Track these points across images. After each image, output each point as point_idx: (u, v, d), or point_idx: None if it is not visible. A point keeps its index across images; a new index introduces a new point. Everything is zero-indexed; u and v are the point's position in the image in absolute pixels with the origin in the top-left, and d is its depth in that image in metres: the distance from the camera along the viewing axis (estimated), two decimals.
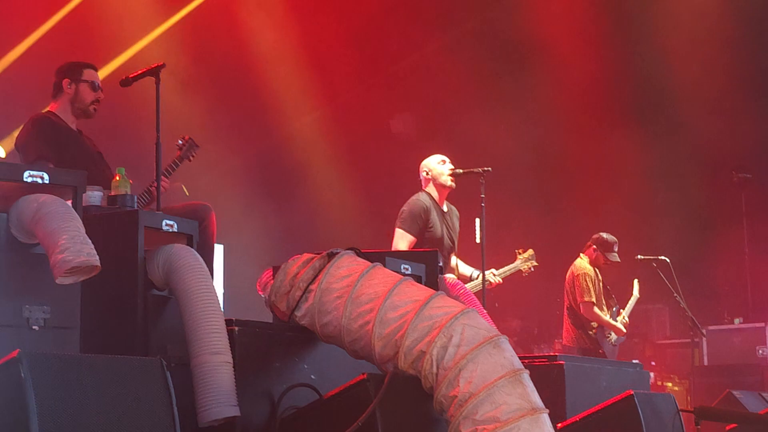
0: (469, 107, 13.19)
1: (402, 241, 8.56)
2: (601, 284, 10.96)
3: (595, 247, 10.94)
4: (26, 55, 10.94)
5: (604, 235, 10.94)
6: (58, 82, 6.95)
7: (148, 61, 6.84)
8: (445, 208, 8.90)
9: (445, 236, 8.76)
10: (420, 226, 8.63)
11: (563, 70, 13.23)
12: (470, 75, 13.14)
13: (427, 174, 8.88)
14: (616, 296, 11.16)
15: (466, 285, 8.55)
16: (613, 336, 10.87)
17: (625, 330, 10.93)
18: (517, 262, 9.55)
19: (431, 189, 8.86)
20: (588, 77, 13.32)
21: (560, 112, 13.36)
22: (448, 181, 8.81)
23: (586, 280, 10.79)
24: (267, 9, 12.54)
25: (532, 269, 9.69)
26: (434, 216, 8.72)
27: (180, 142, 7.34)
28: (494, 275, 9.08)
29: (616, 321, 10.93)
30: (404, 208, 8.74)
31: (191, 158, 7.33)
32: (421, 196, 8.80)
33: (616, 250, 10.89)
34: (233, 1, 12.36)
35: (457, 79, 13.22)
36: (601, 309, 10.85)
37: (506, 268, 9.47)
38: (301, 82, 13.08)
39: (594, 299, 10.76)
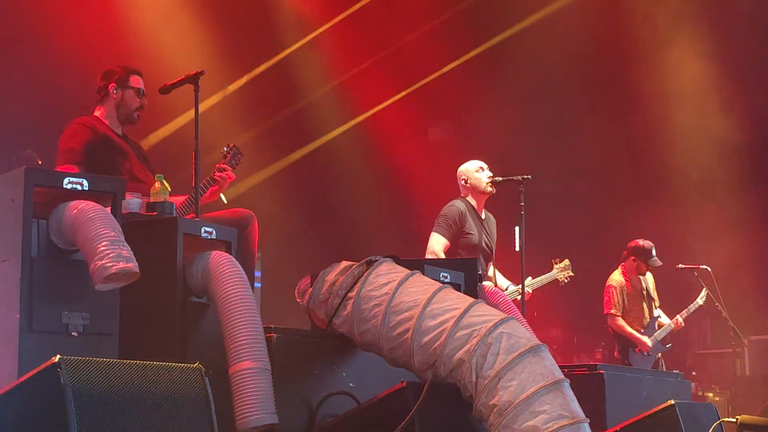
0: (507, 115, 13.13)
1: (436, 244, 8.56)
2: (638, 291, 10.84)
3: (633, 257, 10.84)
4: (61, 61, 10.98)
5: (640, 241, 10.85)
6: (104, 86, 6.94)
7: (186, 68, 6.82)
8: (483, 216, 8.87)
9: (484, 243, 8.73)
10: (455, 230, 8.61)
11: (603, 77, 13.16)
12: (508, 83, 13.09)
13: (466, 182, 8.85)
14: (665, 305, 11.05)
15: None
16: (639, 350, 10.74)
17: (650, 345, 10.75)
18: (554, 272, 9.49)
19: (469, 196, 8.83)
20: (626, 85, 13.25)
21: (599, 120, 13.28)
22: (487, 188, 8.78)
23: (612, 293, 10.74)
24: (303, 17, 12.55)
25: (568, 279, 9.63)
26: (471, 222, 8.69)
27: (225, 149, 7.35)
28: (526, 286, 9.04)
29: (645, 334, 10.77)
30: (441, 212, 8.74)
31: (235, 166, 7.33)
32: (457, 202, 8.79)
33: (655, 254, 10.78)
34: (268, 11, 12.36)
35: (494, 87, 13.18)
36: (631, 321, 10.74)
37: (541, 277, 9.41)
38: (339, 90, 13.08)
39: (618, 311, 10.68)
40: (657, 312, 10.96)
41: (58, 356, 3.92)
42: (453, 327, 5.06)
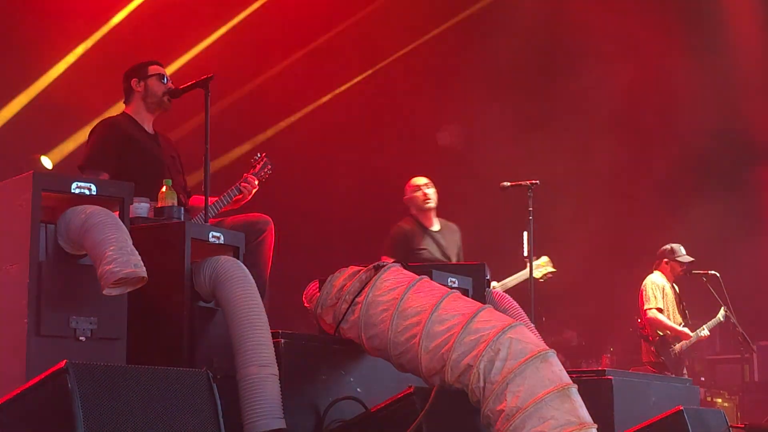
0: (516, 119, 13.12)
1: None
2: (676, 297, 10.84)
3: (666, 259, 10.85)
4: (71, 69, 11.02)
5: (667, 245, 10.89)
6: (127, 84, 6.96)
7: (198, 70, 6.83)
8: (437, 227, 8.91)
9: (440, 255, 8.77)
10: (405, 251, 8.65)
11: (615, 79, 13.13)
12: (517, 86, 13.08)
13: (409, 201, 9.04)
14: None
15: None
16: (677, 346, 10.72)
17: (691, 334, 10.73)
18: (525, 270, 9.27)
19: (414, 212, 8.95)
20: (639, 86, 13.23)
21: (609, 123, 13.26)
22: (424, 205, 8.92)
23: (651, 289, 10.70)
24: (318, 21, 12.58)
25: (550, 276, 9.61)
26: (419, 239, 8.77)
27: (255, 158, 7.35)
28: (498, 286, 9.05)
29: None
30: (388, 234, 8.87)
31: (263, 177, 7.33)
32: (403, 223, 9.00)
33: (683, 251, 10.81)
34: (283, 14, 12.38)
35: (503, 91, 13.16)
36: (669, 318, 10.73)
37: (511, 278, 9.36)
38: (347, 95, 13.09)
39: (655, 306, 10.63)
40: (686, 322, 10.95)
41: (66, 361, 3.93)
42: (461, 332, 5.05)
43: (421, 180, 9.09)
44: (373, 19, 12.86)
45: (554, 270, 9.65)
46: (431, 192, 9.04)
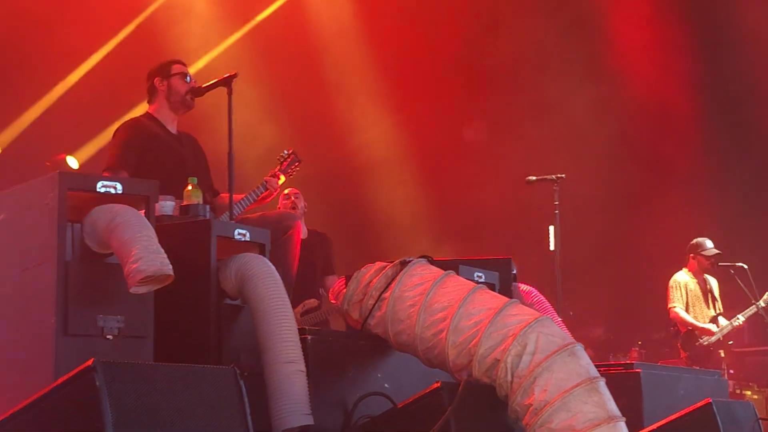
0: (541, 113, 13.10)
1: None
2: (705, 292, 10.84)
3: (692, 255, 10.90)
4: (96, 69, 11.06)
5: (695, 239, 10.90)
6: (151, 84, 6.98)
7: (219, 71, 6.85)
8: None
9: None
10: None
11: (640, 74, 13.10)
12: (542, 80, 13.06)
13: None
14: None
15: None
16: (703, 339, 10.71)
17: (715, 330, 10.73)
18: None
19: None
20: (665, 83, 13.18)
21: (635, 118, 13.22)
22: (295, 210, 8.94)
23: (674, 288, 10.79)
24: (339, 17, 12.57)
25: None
26: None
27: (284, 154, 7.35)
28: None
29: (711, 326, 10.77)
30: None
31: (291, 173, 7.33)
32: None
33: (710, 245, 10.83)
34: (304, 12, 12.39)
35: (528, 86, 13.14)
36: (695, 314, 10.73)
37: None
38: (372, 90, 13.08)
39: (677, 304, 10.69)
40: (715, 313, 10.93)
41: (94, 359, 3.94)
42: (488, 326, 5.04)
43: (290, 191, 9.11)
44: (392, 15, 12.86)
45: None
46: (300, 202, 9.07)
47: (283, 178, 7.25)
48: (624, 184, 13.45)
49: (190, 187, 6.03)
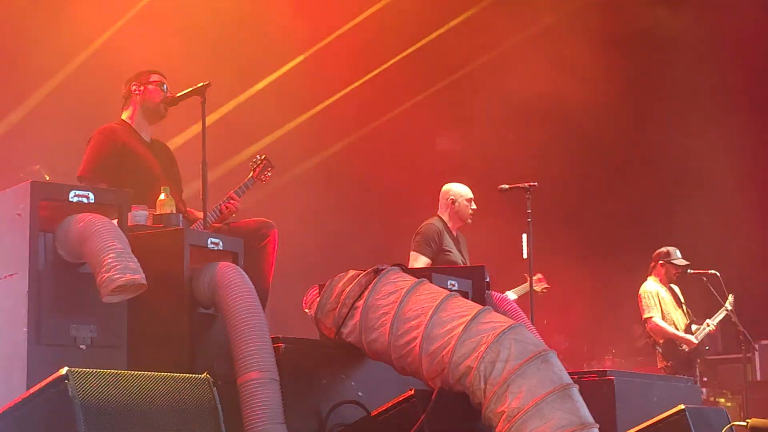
0: (516, 123, 13.12)
1: (417, 263, 8.57)
2: (674, 300, 10.82)
3: (662, 262, 10.84)
4: (69, 80, 11.02)
5: (663, 247, 10.88)
6: (127, 89, 6.98)
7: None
8: (455, 234, 8.94)
9: (461, 261, 8.77)
10: (434, 248, 8.63)
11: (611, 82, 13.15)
12: (518, 90, 13.08)
13: (453, 203, 8.89)
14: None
15: None
16: (684, 346, 10.70)
17: (696, 341, 10.71)
18: (525, 285, 9.53)
19: (446, 215, 8.88)
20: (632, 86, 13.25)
21: (608, 125, 13.27)
22: (468, 220, 8.91)
23: (647, 298, 10.67)
24: (318, 24, 12.59)
25: (546, 290, 9.76)
26: (448, 240, 8.75)
27: (256, 159, 7.34)
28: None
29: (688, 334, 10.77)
30: (418, 230, 8.79)
31: (264, 180, 7.32)
32: (434, 221, 8.86)
33: (679, 254, 10.80)
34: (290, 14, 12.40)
35: (504, 95, 13.16)
36: (670, 323, 10.71)
37: (513, 291, 9.55)
38: (347, 99, 13.10)
39: (655, 314, 10.61)
40: (687, 321, 10.93)
41: (66, 368, 3.93)
42: (461, 334, 5.05)
43: (472, 194, 9.07)
44: (369, 24, 12.87)
45: (548, 286, 9.81)
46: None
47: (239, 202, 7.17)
48: (598, 192, 13.52)
49: (163, 196, 6.02)
